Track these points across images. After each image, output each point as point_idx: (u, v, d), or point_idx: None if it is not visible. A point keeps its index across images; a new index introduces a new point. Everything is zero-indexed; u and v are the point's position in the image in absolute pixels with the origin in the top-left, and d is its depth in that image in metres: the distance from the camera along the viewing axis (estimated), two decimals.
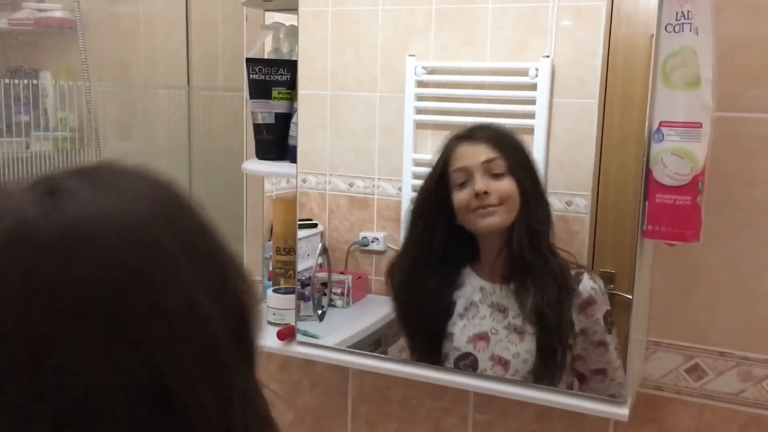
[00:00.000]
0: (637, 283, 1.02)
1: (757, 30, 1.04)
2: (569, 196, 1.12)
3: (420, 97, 1.22)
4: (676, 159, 0.96)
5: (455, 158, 1.14)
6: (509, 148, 1.12)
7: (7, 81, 1.57)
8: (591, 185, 1.09)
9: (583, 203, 1.11)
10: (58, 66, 1.81)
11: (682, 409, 1.16)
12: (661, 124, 0.97)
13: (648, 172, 0.98)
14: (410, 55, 1.20)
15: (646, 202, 0.99)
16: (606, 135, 1.07)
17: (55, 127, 1.76)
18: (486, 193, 1.10)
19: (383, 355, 1.24)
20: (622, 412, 1.04)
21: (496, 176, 1.10)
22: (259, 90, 1.28)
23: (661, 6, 0.95)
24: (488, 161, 1.11)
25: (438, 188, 1.15)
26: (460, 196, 1.12)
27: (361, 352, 1.25)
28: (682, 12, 0.93)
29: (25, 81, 1.69)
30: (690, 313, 1.13)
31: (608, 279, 1.08)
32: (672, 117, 0.96)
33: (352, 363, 1.25)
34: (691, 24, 0.93)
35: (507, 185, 1.10)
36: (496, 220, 1.10)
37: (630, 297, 1.03)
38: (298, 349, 1.26)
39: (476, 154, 1.12)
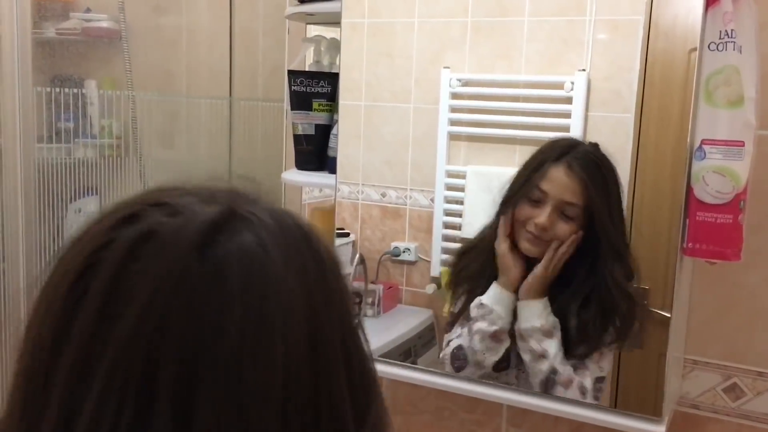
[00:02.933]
0: (675, 300, 1.01)
1: None
2: None
3: (454, 109, 1.22)
4: (718, 177, 0.95)
5: (542, 175, 1.08)
6: (599, 196, 1.06)
7: (49, 89, 1.62)
8: (625, 201, 1.08)
9: None
10: (103, 75, 1.85)
11: (718, 428, 1.14)
12: (703, 142, 0.96)
13: (689, 189, 0.98)
14: (445, 67, 1.21)
15: (687, 220, 0.98)
16: (642, 150, 1.06)
17: (99, 134, 1.81)
18: (545, 229, 1.06)
19: (415, 365, 1.24)
20: (659, 429, 1.03)
21: (567, 218, 1.06)
22: (300, 101, 1.30)
23: (705, 24, 0.95)
24: (568, 203, 1.06)
25: (520, 188, 1.10)
26: (523, 209, 1.09)
27: (392, 361, 1.26)
28: (726, 31, 0.93)
29: (72, 90, 1.73)
30: (728, 332, 1.12)
31: (642, 295, 1.07)
32: (714, 135, 0.95)
33: (382, 372, 1.26)
34: (734, 42, 0.93)
35: (569, 231, 1.06)
36: (536, 250, 1.08)
37: (667, 314, 1.02)
38: None
39: (562, 187, 1.06)
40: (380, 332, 1.30)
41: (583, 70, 1.11)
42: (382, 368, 1.25)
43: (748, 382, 1.11)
